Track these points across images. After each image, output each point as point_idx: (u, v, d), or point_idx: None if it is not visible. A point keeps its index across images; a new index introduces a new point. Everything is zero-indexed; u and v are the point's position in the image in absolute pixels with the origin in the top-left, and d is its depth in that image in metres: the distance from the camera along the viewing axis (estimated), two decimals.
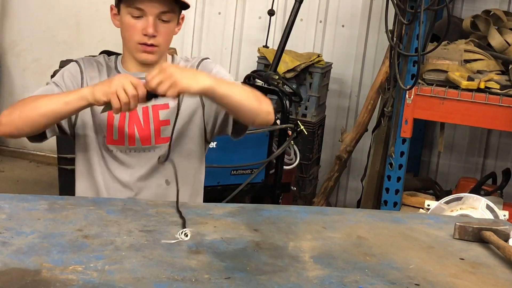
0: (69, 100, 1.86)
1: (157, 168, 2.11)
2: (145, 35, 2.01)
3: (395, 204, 3.45)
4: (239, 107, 1.92)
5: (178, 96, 1.84)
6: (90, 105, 1.86)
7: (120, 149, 2.09)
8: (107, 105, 1.84)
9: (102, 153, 2.11)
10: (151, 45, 2.02)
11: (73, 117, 2.08)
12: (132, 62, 2.09)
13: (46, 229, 1.50)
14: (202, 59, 2.19)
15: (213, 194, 2.37)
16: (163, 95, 1.80)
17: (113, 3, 2.10)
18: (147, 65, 2.05)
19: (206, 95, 1.89)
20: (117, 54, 2.19)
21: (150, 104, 2.01)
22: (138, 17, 2.00)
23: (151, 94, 1.83)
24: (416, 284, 1.38)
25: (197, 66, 2.16)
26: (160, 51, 2.07)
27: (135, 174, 2.10)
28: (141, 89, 1.81)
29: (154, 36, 2.01)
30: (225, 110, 2.02)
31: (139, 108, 2.08)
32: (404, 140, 3.41)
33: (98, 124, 2.09)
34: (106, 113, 2.04)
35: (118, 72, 2.13)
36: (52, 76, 3.48)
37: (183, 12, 2.12)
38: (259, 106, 1.96)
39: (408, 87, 3.30)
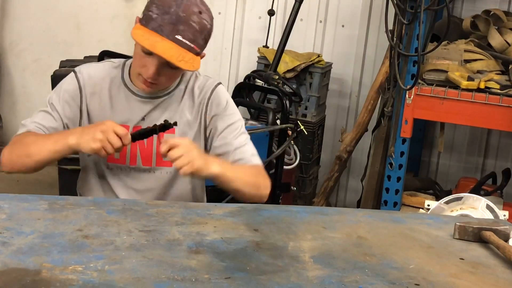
0: (58, 149, 1.91)
1: (157, 191, 2.10)
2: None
3: (395, 204, 3.45)
4: (238, 192, 2.02)
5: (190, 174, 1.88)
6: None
7: (120, 167, 2.07)
8: None
9: (102, 171, 2.09)
10: (151, 82, 2.00)
11: None
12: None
13: (46, 229, 1.50)
14: (217, 85, 2.14)
15: (213, 194, 2.37)
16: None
17: (139, 15, 1.98)
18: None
19: (212, 180, 1.96)
20: (123, 57, 2.14)
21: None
22: (148, 53, 1.93)
23: (137, 138, 1.89)
24: (416, 284, 1.38)
25: (211, 92, 2.11)
26: (161, 87, 2.05)
27: (133, 195, 2.08)
28: (126, 139, 1.85)
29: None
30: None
31: (144, 127, 2.06)
32: (404, 140, 3.41)
33: None
34: None
35: (125, 85, 2.07)
36: (52, 76, 3.48)
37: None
38: (256, 192, 2.05)
39: (408, 87, 3.30)
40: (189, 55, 1.91)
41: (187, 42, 1.89)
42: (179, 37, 1.88)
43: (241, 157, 2.08)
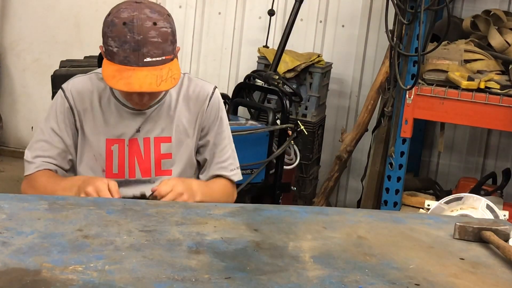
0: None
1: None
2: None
3: (395, 204, 3.45)
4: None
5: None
6: None
7: (119, 182, 2.02)
8: None
9: None
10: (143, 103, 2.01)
11: (74, 156, 2.09)
12: None
13: (46, 229, 1.49)
14: (213, 92, 2.14)
15: None
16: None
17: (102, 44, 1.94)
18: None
19: None
20: None
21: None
22: None
23: None
24: (416, 284, 1.38)
25: (210, 100, 2.11)
26: (154, 100, 2.05)
27: None
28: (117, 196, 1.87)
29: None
30: None
31: (140, 138, 2.07)
32: (404, 140, 3.41)
33: (97, 158, 2.06)
34: (104, 145, 2.06)
35: (115, 97, 2.06)
36: (52, 76, 3.47)
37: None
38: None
39: (408, 87, 3.30)
40: (165, 69, 1.87)
41: (157, 58, 1.86)
42: (148, 59, 1.84)
43: (221, 174, 2.15)
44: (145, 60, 1.84)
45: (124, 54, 1.84)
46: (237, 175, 2.19)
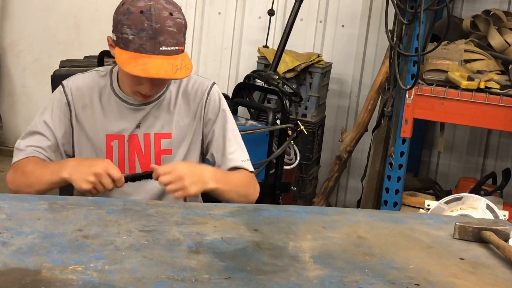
0: (55, 181, 1.91)
1: (155, 197, 2.08)
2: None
3: (395, 204, 3.45)
4: (228, 201, 2.00)
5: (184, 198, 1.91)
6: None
7: None
8: None
9: None
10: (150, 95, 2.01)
11: (63, 151, 2.08)
12: None
13: (46, 229, 1.50)
14: (212, 86, 2.14)
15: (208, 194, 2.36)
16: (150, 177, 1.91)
17: (110, 35, 1.96)
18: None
19: (207, 192, 1.96)
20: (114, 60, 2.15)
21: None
22: None
23: (130, 180, 1.89)
24: (416, 284, 1.38)
25: (208, 94, 2.12)
26: (158, 94, 2.06)
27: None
28: (120, 182, 1.85)
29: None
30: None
31: (141, 134, 2.07)
32: (404, 140, 3.41)
33: (98, 153, 2.06)
34: (104, 141, 2.05)
35: (115, 93, 2.06)
36: (52, 76, 3.48)
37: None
38: (245, 200, 2.03)
39: (408, 87, 3.30)
40: (179, 59, 1.89)
41: (172, 48, 1.88)
42: (164, 48, 1.86)
43: (234, 165, 2.11)
44: (160, 48, 1.86)
45: (140, 41, 1.85)
46: (249, 165, 2.15)
